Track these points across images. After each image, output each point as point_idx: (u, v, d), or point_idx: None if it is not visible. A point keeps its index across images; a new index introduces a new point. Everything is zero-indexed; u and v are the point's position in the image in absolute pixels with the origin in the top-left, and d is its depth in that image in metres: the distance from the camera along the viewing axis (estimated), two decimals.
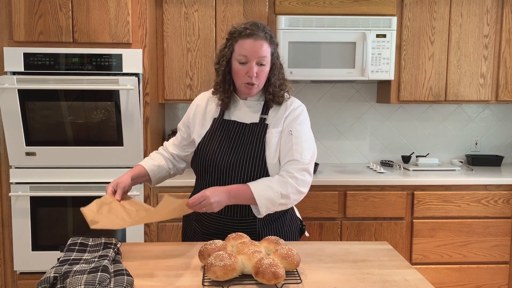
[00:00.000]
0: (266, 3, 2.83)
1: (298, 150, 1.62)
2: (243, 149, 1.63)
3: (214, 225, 1.67)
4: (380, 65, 2.83)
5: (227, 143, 1.65)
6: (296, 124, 1.67)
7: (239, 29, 1.62)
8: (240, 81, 1.63)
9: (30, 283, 2.62)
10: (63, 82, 2.46)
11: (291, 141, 1.64)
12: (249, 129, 1.66)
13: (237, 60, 1.62)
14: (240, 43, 1.60)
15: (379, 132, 3.34)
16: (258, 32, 1.60)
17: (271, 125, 1.67)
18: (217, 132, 1.68)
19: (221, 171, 1.63)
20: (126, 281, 1.19)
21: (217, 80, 1.69)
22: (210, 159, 1.65)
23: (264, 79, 1.65)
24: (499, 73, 2.97)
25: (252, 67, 1.59)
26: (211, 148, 1.66)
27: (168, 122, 3.23)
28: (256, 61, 1.60)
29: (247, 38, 1.59)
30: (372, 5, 2.84)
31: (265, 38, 1.60)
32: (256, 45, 1.59)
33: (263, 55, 1.60)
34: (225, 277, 1.21)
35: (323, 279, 1.28)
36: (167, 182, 2.62)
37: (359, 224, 2.70)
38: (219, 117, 1.71)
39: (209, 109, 1.75)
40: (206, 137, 1.69)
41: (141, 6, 2.55)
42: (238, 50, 1.61)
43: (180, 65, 2.84)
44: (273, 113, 1.69)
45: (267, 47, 1.61)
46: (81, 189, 2.57)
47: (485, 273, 2.77)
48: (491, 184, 2.74)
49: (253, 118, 1.68)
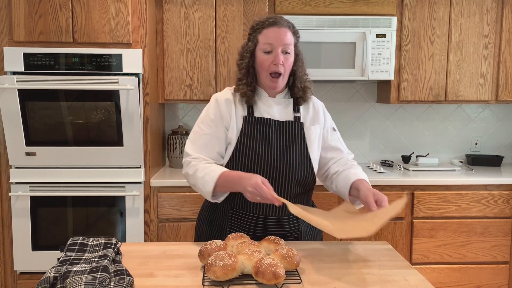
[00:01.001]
0: (266, 3, 2.83)
1: (344, 144, 1.79)
2: (287, 147, 1.62)
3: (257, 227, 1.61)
4: (380, 65, 2.83)
5: (267, 142, 1.61)
6: (332, 121, 1.79)
7: (262, 20, 1.62)
8: (266, 72, 1.60)
9: (30, 283, 2.62)
10: (63, 82, 2.46)
11: (336, 136, 1.76)
12: (286, 127, 1.64)
13: (262, 50, 1.59)
14: (264, 32, 1.59)
15: (379, 132, 3.34)
16: (281, 20, 1.60)
17: (306, 122, 1.68)
18: (253, 131, 1.62)
19: (267, 172, 1.59)
20: (126, 281, 1.19)
21: (240, 75, 1.66)
22: (254, 159, 1.59)
23: (289, 69, 1.62)
24: (499, 73, 2.97)
25: (278, 54, 1.57)
26: (253, 148, 1.60)
27: (168, 122, 3.24)
28: (281, 48, 1.58)
29: (271, 26, 1.59)
30: (372, 5, 2.84)
31: (288, 27, 1.60)
32: (280, 32, 1.58)
33: (288, 43, 1.58)
34: (225, 277, 1.21)
35: (323, 279, 1.28)
36: (167, 182, 2.64)
37: None
38: (249, 114, 1.64)
39: (237, 106, 1.66)
40: (243, 137, 1.61)
41: (141, 6, 2.55)
42: (263, 39, 1.59)
43: (180, 65, 2.84)
44: (304, 111, 1.70)
45: (290, 36, 1.60)
46: (81, 189, 2.57)
47: (485, 273, 2.77)
48: (491, 184, 2.74)
49: (285, 115, 1.66)
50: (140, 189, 2.60)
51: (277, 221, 1.63)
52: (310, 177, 1.67)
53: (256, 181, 1.42)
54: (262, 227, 1.62)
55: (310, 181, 1.68)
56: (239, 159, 1.61)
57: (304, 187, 1.67)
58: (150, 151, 2.64)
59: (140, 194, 2.60)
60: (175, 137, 3.02)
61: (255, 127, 1.62)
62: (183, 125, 3.22)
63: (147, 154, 2.63)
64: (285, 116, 1.66)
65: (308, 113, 1.71)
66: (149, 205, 2.64)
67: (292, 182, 1.62)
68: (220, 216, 1.68)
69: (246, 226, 1.63)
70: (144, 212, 2.63)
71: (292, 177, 1.61)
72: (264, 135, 1.62)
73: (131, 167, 2.60)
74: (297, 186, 1.64)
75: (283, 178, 1.61)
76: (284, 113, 1.67)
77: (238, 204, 1.64)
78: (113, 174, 2.58)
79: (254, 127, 1.62)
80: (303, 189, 1.67)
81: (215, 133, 1.64)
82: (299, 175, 1.63)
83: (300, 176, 1.63)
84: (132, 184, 2.59)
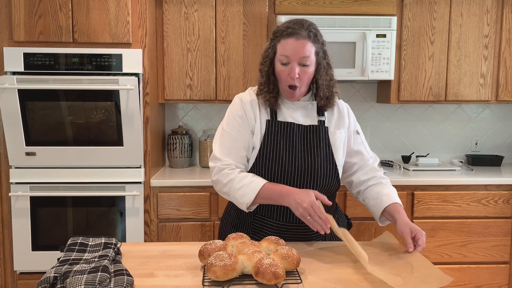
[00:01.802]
0: (266, 3, 2.83)
1: (367, 147, 1.75)
2: (311, 153, 1.58)
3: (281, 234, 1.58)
4: (380, 65, 2.83)
5: (291, 147, 1.57)
6: (357, 123, 1.75)
7: (282, 29, 1.55)
8: (283, 83, 1.57)
9: (30, 283, 2.62)
10: (63, 82, 2.46)
11: (360, 139, 1.73)
12: (310, 131, 1.60)
13: (279, 61, 1.55)
14: (282, 43, 1.53)
15: (379, 132, 3.34)
16: (300, 31, 1.51)
17: (331, 126, 1.64)
18: (277, 136, 1.58)
19: (291, 177, 1.56)
20: (126, 281, 1.19)
21: (261, 81, 1.62)
22: (277, 165, 1.56)
23: (307, 81, 1.57)
24: (499, 73, 2.97)
25: (294, 68, 1.52)
26: (276, 153, 1.57)
27: (168, 122, 3.24)
28: (298, 61, 1.52)
29: (288, 37, 1.52)
30: (372, 5, 2.84)
31: (308, 37, 1.52)
32: (298, 45, 1.51)
33: (305, 55, 1.51)
34: (225, 277, 1.21)
35: (323, 279, 1.28)
36: (167, 182, 2.64)
37: (359, 224, 2.70)
38: (272, 118, 1.60)
39: (260, 109, 1.62)
40: (266, 141, 1.58)
41: (141, 6, 2.55)
42: (280, 50, 1.54)
43: (180, 65, 2.84)
44: (329, 115, 1.66)
45: (310, 47, 1.52)
46: (81, 189, 2.57)
47: (485, 273, 2.77)
48: (491, 184, 2.74)
49: (309, 119, 1.62)
50: (140, 189, 2.60)
51: (300, 228, 1.60)
52: (335, 182, 1.63)
53: (313, 199, 1.40)
54: (285, 234, 1.59)
55: (334, 187, 1.64)
56: (262, 165, 1.58)
57: (328, 192, 1.63)
58: (150, 151, 2.64)
59: (140, 194, 2.60)
60: (175, 137, 3.02)
61: (279, 131, 1.59)
62: (183, 125, 3.22)
63: (147, 154, 2.63)
64: (309, 120, 1.62)
65: (333, 116, 1.66)
66: (149, 205, 2.64)
67: (317, 187, 1.58)
68: (244, 220, 1.65)
69: (268, 232, 1.60)
70: (144, 212, 2.63)
71: (317, 183, 1.58)
72: (287, 140, 1.58)
73: (131, 167, 2.60)
74: (322, 191, 1.59)
75: (308, 184, 1.57)
76: (308, 117, 1.63)
77: (261, 211, 1.61)
78: (113, 174, 2.58)
79: (278, 132, 1.59)
80: (328, 194, 1.62)
81: (241, 135, 1.60)
82: (324, 181, 1.59)
83: (325, 182, 1.60)
84: (132, 184, 2.59)
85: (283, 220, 1.59)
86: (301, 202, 1.41)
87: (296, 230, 1.60)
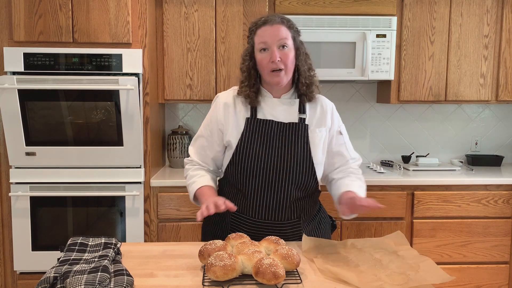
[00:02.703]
0: (266, 3, 2.83)
1: (350, 148, 1.74)
2: (289, 150, 1.59)
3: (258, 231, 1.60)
4: (380, 65, 2.83)
5: (269, 144, 1.59)
6: (341, 123, 1.74)
7: (255, 21, 1.62)
8: (266, 70, 1.58)
9: (30, 283, 2.62)
10: (63, 82, 2.46)
11: (343, 140, 1.71)
12: (289, 128, 1.61)
13: (259, 50, 1.58)
14: (258, 33, 1.59)
15: (379, 132, 3.34)
16: (273, 17, 1.59)
17: (312, 124, 1.64)
18: (255, 133, 1.60)
19: (267, 175, 1.58)
20: (126, 281, 1.19)
21: (242, 78, 1.65)
22: (254, 162, 1.58)
23: (290, 64, 1.58)
24: (499, 73, 2.97)
25: (274, 51, 1.55)
26: (253, 151, 1.58)
27: (168, 122, 3.24)
28: (277, 44, 1.56)
29: (263, 25, 1.58)
30: (372, 5, 2.84)
31: (281, 23, 1.58)
32: (273, 29, 1.56)
33: (282, 37, 1.56)
34: (225, 277, 1.21)
35: (323, 279, 1.28)
36: (167, 182, 2.64)
37: (359, 224, 2.70)
38: (252, 116, 1.62)
39: (238, 108, 1.65)
40: (243, 139, 1.60)
41: (141, 6, 2.55)
42: (258, 39, 1.59)
43: (180, 65, 2.84)
44: (311, 112, 1.66)
45: (285, 30, 1.57)
46: (81, 189, 2.57)
47: (485, 273, 2.77)
48: (491, 184, 2.74)
49: (289, 117, 1.63)
50: (140, 189, 2.60)
51: (277, 225, 1.61)
52: (312, 181, 1.63)
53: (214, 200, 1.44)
54: (261, 231, 1.60)
55: (312, 185, 1.64)
56: (238, 162, 1.60)
57: (305, 191, 1.63)
58: (150, 151, 2.64)
59: (140, 194, 2.60)
60: (175, 137, 3.02)
61: (257, 129, 1.61)
62: (183, 125, 3.22)
63: (147, 154, 2.63)
64: (289, 117, 1.63)
65: (315, 114, 1.67)
66: (149, 205, 2.64)
67: (292, 186, 1.59)
68: (223, 217, 1.67)
69: (244, 229, 1.62)
70: (144, 212, 2.63)
71: (291, 180, 1.59)
72: (265, 137, 1.60)
73: (131, 167, 2.60)
74: (298, 190, 1.60)
75: (283, 182, 1.58)
76: (288, 114, 1.63)
77: (239, 208, 1.62)
78: (113, 174, 2.58)
79: (256, 129, 1.61)
80: (305, 193, 1.63)
81: (210, 136, 1.68)
82: (300, 179, 1.60)
83: (301, 180, 1.60)
84: (132, 184, 2.59)
85: (258, 217, 1.61)
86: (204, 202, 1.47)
87: (271, 227, 1.61)
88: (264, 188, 1.58)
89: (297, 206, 1.62)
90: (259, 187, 1.59)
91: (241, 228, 1.63)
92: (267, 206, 1.59)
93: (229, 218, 1.65)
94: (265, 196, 1.59)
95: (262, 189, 1.59)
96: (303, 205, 1.65)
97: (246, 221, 1.62)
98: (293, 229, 1.63)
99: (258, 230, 1.61)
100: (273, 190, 1.58)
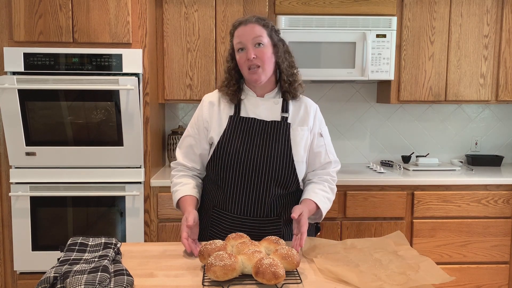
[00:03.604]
0: (266, 3, 2.83)
1: (331, 151, 1.75)
2: (269, 147, 1.61)
3: (237, 228, 1.62)
4: (380, 65, 2.83)
5: (249, 141, 1.62)
6: (323, 125, 1.75)
7: (233, 23, 1.68)
8: (244, 69, 1.63)
9: (30, 283, 2.62)
10: (63, 82, 2.46)
11: (323, 142, 1.72)
12: (270, 126, 1.63)
13: (236, 50, 1.64)
14: (235, 34, 1.64)
15: (379, 132, 3.34)
16: (248, 18, 1.64)
17: (294, 123, 1.66)
18: (237, 130, 1.63)
19: (247, 171, 1.60)
20: (126, 281, 1.19)
21: (223, 79, 1.71)
22: (234, 158, 1.60)
23: (267, 60, 1.61)
24: (499, 73, 2.97)
25: (249, 49, 1.59)
26: (233, 147, 1.61)
27: (168, 122, 3.24)
28: (252, 42, 1.60)
29: (239, 26, 1.64)
30: (372, 5, 2.84)
31: (256, 22, 1.62)
32: (247, 29, 1.61)
33: (257, 35, 1.60)
34: (225, 277, 1.21)
35: (323, 279, 1.28)
36: (167, 182, 2.63)
37: (359, 224, 2.70)
38: (235, 114, 1.66)
39: (222, 107, 1.69)
40: (225, 136, 1.63)
41: (141, 6, 2.55)
42: (235, 40, 1.64)
43: (180, 65, 2.84)
44: (294, 111, 1.69)
45: (259, 28, 1.61)
46: (81, 189, 2.57)
47: (485, 273, 2.77)
48: (491, 184, 2.74)
49: (272, 115, 1.66)
50: (140, 189, 2.60)
51: (257, 222, 1.63)
52: (292, 178, 1.64)
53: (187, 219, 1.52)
54: (241, 227, 1.62)
55: (291, 183, 1.65)
56: (219, 158, 1.62)
57: (286, 189, 1.65)
58: (150, 151, 2.64)
59: (140, 194, 2.60)
60: (175, 137, 3.02)
61: (239, 126, 1.64)
62: (183, 125, 3.22)
63: (147, 154, 2.63)
64: (272, 116, 1.66)
65: (298, 114, 1.69)
66: (149, 205, 2.64)
67: (272, 183, 1.61)
68: (204, 214, 1.71)
69: (225, 225, 1.64)
70: (144, 212, 2.63)
71: (271, 177, 1.60)
72: (246, 135, 1.62)
73: (131, 167, 2.60)
74: (278, 187, 1.62)
75: (262, 178, 1.60)
76: (271, 113, 1.66)
77: (220, 204, 1.66)
78: (113, 174, 2.58)
79: (238, 127, 1.64)
80: (285, 191, 1.65)
81: (197, 134, 1.71)
82: (279, 176, 1.61)
83: (280, 177, 1.61)
84: (132, 184, 2.59)
85: (237, 213, 1.62)
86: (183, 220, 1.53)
87: (251, 223, 1.63)
88: (243, 183, 1.61)
89: (277, 203, 1.64)
90: (238, 182, 1.61)
91: (221, 224, 1.65)
92: (246, 201, 1.62)
93: (210, 213, 1.68)
94: (244, 192, 1.61)
95: (241, 184, 1.61)
96: (284, 203, 1.66)
97: (225, 216, 1.65)
98: (273, 227, 1.64)
99: (237, 226, 1.62)
100: (252, 186, 1.60)
